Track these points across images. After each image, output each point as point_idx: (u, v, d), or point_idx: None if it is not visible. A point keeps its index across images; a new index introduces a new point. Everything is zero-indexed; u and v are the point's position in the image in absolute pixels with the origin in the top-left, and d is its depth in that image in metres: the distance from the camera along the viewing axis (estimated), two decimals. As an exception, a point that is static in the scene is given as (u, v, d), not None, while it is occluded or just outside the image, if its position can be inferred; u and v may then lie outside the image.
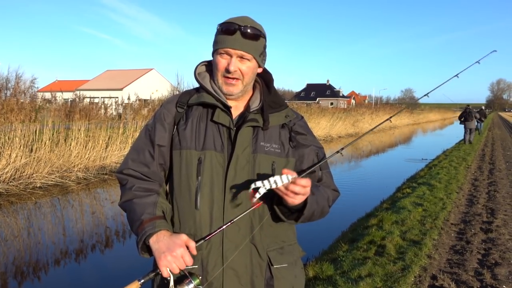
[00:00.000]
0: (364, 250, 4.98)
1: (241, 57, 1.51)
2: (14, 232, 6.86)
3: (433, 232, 5.61)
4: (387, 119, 2.02)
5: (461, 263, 4.61)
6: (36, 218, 7.83)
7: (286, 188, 1.36)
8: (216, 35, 1.54)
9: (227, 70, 1.50)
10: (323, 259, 4.89)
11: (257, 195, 1.36)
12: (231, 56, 1.50)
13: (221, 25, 1.52)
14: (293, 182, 1.35)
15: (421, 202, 7.40)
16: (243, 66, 1.52)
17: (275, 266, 1.54)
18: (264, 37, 1.56)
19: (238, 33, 1.48)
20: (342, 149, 1.73)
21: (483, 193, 8.44)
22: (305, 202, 1.44)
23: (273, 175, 1.37)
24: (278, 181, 1.35)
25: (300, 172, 1.56)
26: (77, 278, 5.15)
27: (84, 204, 9.08)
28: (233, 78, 1.52)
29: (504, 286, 4.02)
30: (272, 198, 1.47)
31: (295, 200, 1.39)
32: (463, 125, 19.16)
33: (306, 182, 1.37)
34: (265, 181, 1.35)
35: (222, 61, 1.51)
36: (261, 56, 1.57)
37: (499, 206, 7.29)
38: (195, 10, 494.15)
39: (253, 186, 1.36)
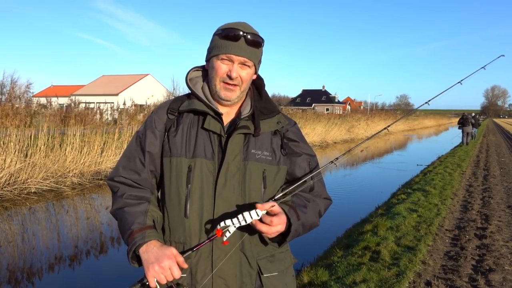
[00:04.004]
0: (358, 256, 4.98)
1: (243, 64, 1.50)
2: (8, 237, 6.81)
3: (428, 238, 5.63)
4: (385, 128, 1.98)
5: (455, 269, 4.62)
6: (30, 223, 7.78)
7: (255, 225, 1.36)
8: (216, 40, 1.51)
9: (229, 77, 1.49)
10: (317, 264, 4.89)
11: (227, 234, 1.35)
12: (232, 62, 1.49)
13: (223, 30, 1.49)
14: (261, 219, 1.36)
15: (416, 208, 7.42)
16: (243, 73, 1.51)
17: (265, 275, 1.51)
18: (263, 45, 1.56)
19: (242, 39, 1.47)
20: (337, 159, 1.68)
21: (478, 199, 8.47)
22: (288, 229, 1.44)
23: (248, 210, 1.37)
24: (247, 218, 1.35)
25: (292, 182, 1.55)
26: (70, 284, 5.12)
27: (79, 209, 9.03)
28: (233, 84, 1.51)
29: (497, 292, 4.03)
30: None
31: (268, 235, 1.40)
32: (461, 130, 22.37)
33: (272, 220, 1.36)
34: (234, 219, 1.35)
35: (222, 67, 1.50)
36: (259, 63, 1.58)
37: (493, 212, 7.32)
38: (192, 16, 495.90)
39: (222, 224, 1.35)
